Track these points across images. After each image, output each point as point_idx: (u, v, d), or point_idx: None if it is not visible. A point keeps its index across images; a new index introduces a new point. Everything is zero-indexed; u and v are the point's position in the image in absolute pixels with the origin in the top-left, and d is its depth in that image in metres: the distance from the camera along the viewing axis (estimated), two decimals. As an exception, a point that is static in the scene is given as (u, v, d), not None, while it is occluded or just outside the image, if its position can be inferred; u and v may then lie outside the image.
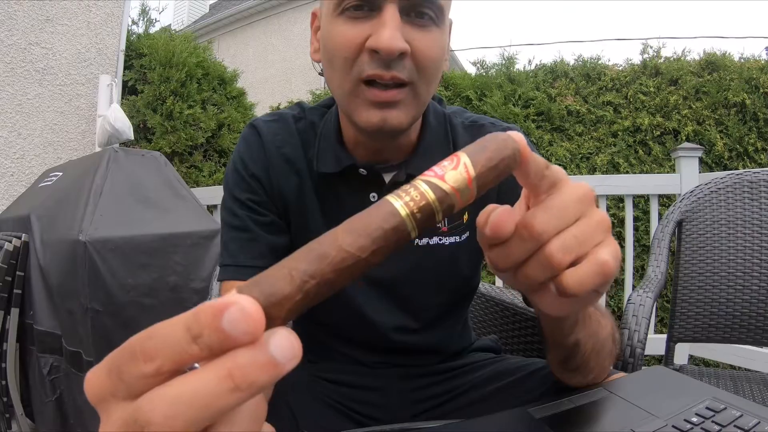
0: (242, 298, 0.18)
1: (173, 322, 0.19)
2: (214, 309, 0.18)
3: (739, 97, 2.91)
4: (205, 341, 0.18)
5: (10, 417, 1.46)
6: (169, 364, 0.18)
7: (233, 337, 0.18)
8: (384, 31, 0.48)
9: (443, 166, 0.25)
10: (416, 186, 0.24)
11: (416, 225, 0.23)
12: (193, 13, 10.45)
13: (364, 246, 0.22)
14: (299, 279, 0.20)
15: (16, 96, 2.61)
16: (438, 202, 0.23)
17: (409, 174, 0.59)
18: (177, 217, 1.56)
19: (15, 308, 1.43)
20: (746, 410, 0.41)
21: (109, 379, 0.19)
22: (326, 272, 0.21)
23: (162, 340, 0.18)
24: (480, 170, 0.25)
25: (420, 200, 0.23)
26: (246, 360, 0.18)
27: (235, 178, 0.62)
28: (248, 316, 0.18)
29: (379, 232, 0.22)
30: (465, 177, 0.24)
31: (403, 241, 0.23)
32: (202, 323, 0.18)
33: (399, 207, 0.23)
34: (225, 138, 3.46)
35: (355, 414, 0.66)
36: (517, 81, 3.26)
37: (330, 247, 0.21)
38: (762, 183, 1.13)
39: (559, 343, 0.45)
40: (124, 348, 0.19)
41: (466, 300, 0.72)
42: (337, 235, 0.22)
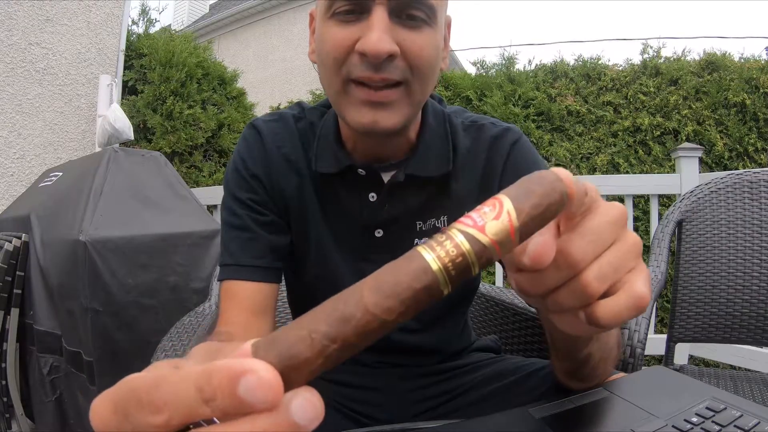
0: (259, 364, 0.17)
1: (183, 377, 0.18)
2: (229, 375, 0.17)
3: (739, 97, 2.92)
4: (219, 405, 0.17)
5: (10, 417, 1.46)
6: (179, 418, 0.18)
7: (250, 404, 0.17)
8: (371, 34, 0.48)
9: (483, 213, 0.22)
10: (451, 237, 0.21)
11: (449, 281, 0.21)
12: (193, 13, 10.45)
13: (391, 308, 0.20)
14: (320, 344, 0.19)
15: (16, 96, 2.61)
16: (475, 256, 0.21)
17: (408, 174, 0.59)
18: (177, 217, 1.56)
19: (15, 308, 1.43)
20: (746, 410, 0.41)
21: (115, 417, 0.19)
22: (349, 336, 0.19)
23: (171, 395, 0.18)
24: (524, 220, 0.22)
25: (456, 256, 0.20)
26: (266, 425, 0.17)
27: (236, 178, 0.62)
28: (266, 386, 0.17)
29: (409, 292, 0.20)
30: (507, 228, 0.22)
31: (434, 300, 0.21)
32: (215, 387, 0.17)
33: (431, 262, 0.20)
34: (225, 138, 3.46)
35: (355, 414, 0.66)
36: (517, 81, 3.26)
37: (355, 308, 0.19)
38: (762, 183, 1.13)
39: (571, 356, 0.44)
40: (130, 390, 0.19)
41: (466, 300, 0.72)
42: (363, 294, 0.20)
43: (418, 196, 0.61)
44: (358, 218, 0.61)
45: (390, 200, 0.60)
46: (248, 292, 0.59)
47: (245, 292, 0.59)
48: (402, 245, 0.61)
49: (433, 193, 0.61)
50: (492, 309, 0.94)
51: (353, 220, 0.62)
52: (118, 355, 1.30)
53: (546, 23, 38.75)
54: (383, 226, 0.61)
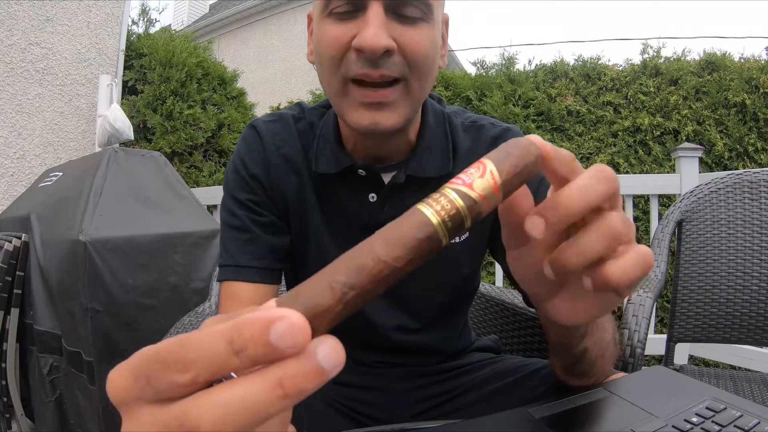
0: (290, 312, 0.18)
1: (211, 333, 0.19)
2: (260, 323, 0.18)
3: (739, 97, 2.92)
4: (249, 354, 0.18)
5: (10, 417, 1.46)
6: (206, 374, 0.19)
7: (280, 350, 0.18)
8: (367, 30, 0.48)
9: (470, 174, 0.25)
10: (445, 194, 0.24)
11: (447, 233, 0.24)
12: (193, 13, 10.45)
13: (400, 256, 0.22)
14: (340, 291, 0.21)
15: (16, 96, 2.61)
16: (467, 209, 0.24)
17: (409, 175, 0.59)
18: (177, 217, 1.56)
19: (15, 308, 1.43)
20: (746, 410, 0.41)
21: (135, 383, 0.19)
22: (365, 283, 0.21)
23: (199, 352, 0.19)
24: (505, 177, 0.26)
25: (450, 209, 0.24)
26: (295, 370, 0.18)
27: (235, 179, 0.62)
28: (297, 330, 0.18)
29: (414, 241, 0.23)
30: (492, 184, 0.25)
31: (435, 249, 0.23)
32: (246, 337, 0.18)
33: (430, 216, 0.23)
34: (225, 138, 3.46)
35: (355, 414, 0.66)
36: (517, 81, 3.26)
37: (367, 257, 0.22)
38: (762, 183, 1.13)
39: (567, 351, 0.45)
40: (152, 355, 0.19)
41: (466, 301, 0.72)
42: (374, 246, 0.22)
43: (418, 197, 0.60)
44: (357, 218, 0.61)
45: (390, 201, 0.60)
46: (248, 292, 0.59)
47: (245, 292, 0.59)
48: None
49: None
50: (492, 309, 0.94)
51: (353, 221, 0.62)
52: (118, 355, 1.30)
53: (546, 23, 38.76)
54: (383, 226, 0.61)
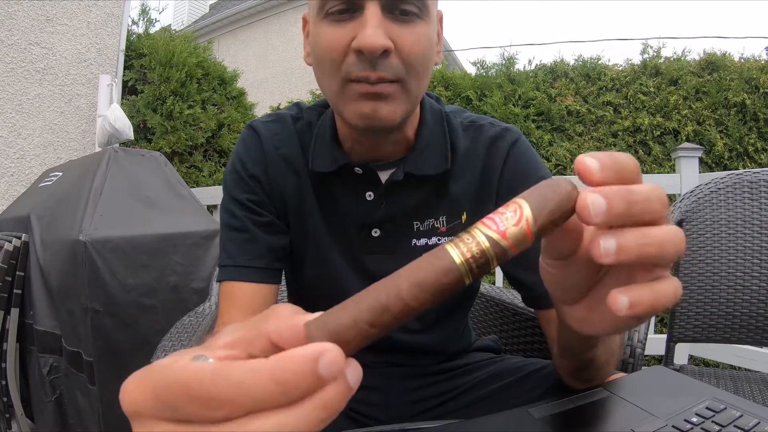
0: (328, 345, 0.20)
1: (254, 373, 0.19)
2: (309, 359, 0.19)
3: (739, 97, 2.92)
4: (299, 391, 0.19)
5: (10, 417, 1.46)
6: (245, 412, 0.19)
7: (326, 380, 0.20)
8: (365, 30, 0.48)
9: (505, 219, 0.25)
10: (475, 237, 0.24)
11: (471, 276, 0.24)
12: (193, 13, 10.45)
13: (424, 300, 0.23)
14: (364, 330, 0.22)
15: (16, 96, 2.61)
16: (495, 257, 0.24)
17: (407, 172, 0.59)
18: (177, 217, 1.56)
19: (15, 308, 1.43)
20: (746, 410, 0.41)
21: (154, 403, 0.20)
22: (387, 322, 0.23)
23: (241, 392, 0.19)
24: (541, 226, 0.25)
25: (478, 254, 0.24)
26: (334, 392, 0.20)
27: (234, 179, 0.62)
28: (339, 361, 0.20)
29: (439, 287, 0.23)
30: (525, 233, 0.25)
31: (457, 290, 0.24)
32: (298, 374, 0.19)
33: (458, 262, 0.23)
34: (225, 138, 3.45)
35: (355, 414, 0.66)
36: (517, 81, 3.26)
37: (396, 301, 0.23)
38: (762, 183, 1.13)
39: (576, 356, 0.45)
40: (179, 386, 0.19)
41: (467, 302, 0.72)
42: (400, 288, 0.23)
43: (415, 196, 0.61)
44: (355, 217, 0.61)
45: (387, 199, 0.60)
46: (247, 293, 0.59)
47: (244, 293, 0.59)
48: (400, 245, 0.61)
49: (431, 193, 0.61)
50: (492, 309, 0.94)
51: (350, 220, 0.62)
52: (118, 355, 1.30)
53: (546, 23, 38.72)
54: (380, 225, 0.61)
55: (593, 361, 0.45)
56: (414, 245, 0.61)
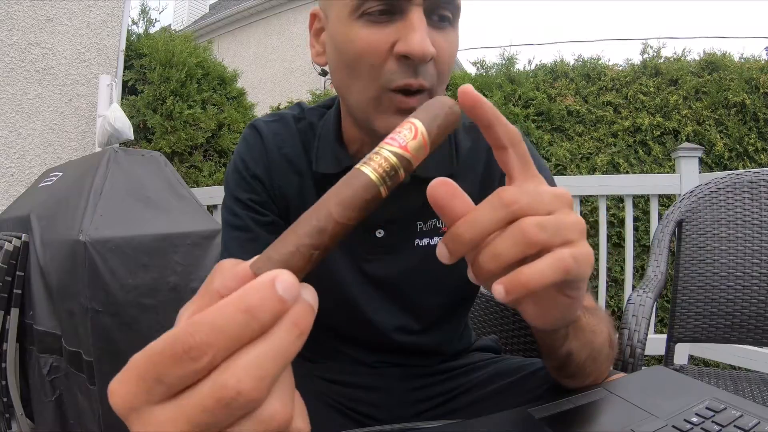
0: (279, 271, 0.22)
1: (221, 310, 0.20)
2: (267, 284, 0.21)
3: (739, 97, 2.92)
4: (266, 314, 0.21)
5: (10, 417, 1.46)
6: (225, 352, 0.20)
7: (287, 301, 0.21)
8: (415, 36, 0.46)
9: (403, 136, 0.29)
10: (384, 156, 0.28)
11: (386, 189, 0.28)
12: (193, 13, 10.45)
13: (352, 216, 0.26)
14: (307, 253, 0.25)
15: (16, 96, 2.61)
16: (402, 167, 0.28)
17: (413, 175, 0.59)
18: (177, 217, 1.56)
19: (15, 308, 1.43)
20: (746, 410, 0.41)
21: (141, 387, 0.20)
22: (326, 242, 0.25)
23: (215, 332, 0.20)
24: (433, 138, 0.30)
25: (390, 170, 0.28)
26: (299, 311, 0.22)
27: (236, 179, 0.62)
28: (294, 281, 0.22)
29: (363, 202, 0.27)
30: (422, 144, 0.29)
31: (378, 203, 0.28)
32: (260, 298, 0.21)
33: (373, 177, 0.27)
34: (225, 138, 3.45)
35: (355, 414, 0.66)
36: (517, 81, 3.26)
37: (327, 221, 0.25)
38: (762, 183, 1.13)
39: (552, 353, 0.45)
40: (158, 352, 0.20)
41: (466, 302, 0.72)
42: (330, 210, 0.26)
43: (419, 197, 0.60)
44: None
45: (391, 200, 0.60)
46: None
47: None
48: (403, 245, 0.62)
49: None
50: (492, 309, 0.94)
51: None
52: (118, 355, 1.30)
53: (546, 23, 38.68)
54: (384, 226, 0.61)
55: (571, 358, 0.45)
56: (416, 245, 0.61)
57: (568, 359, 0.45)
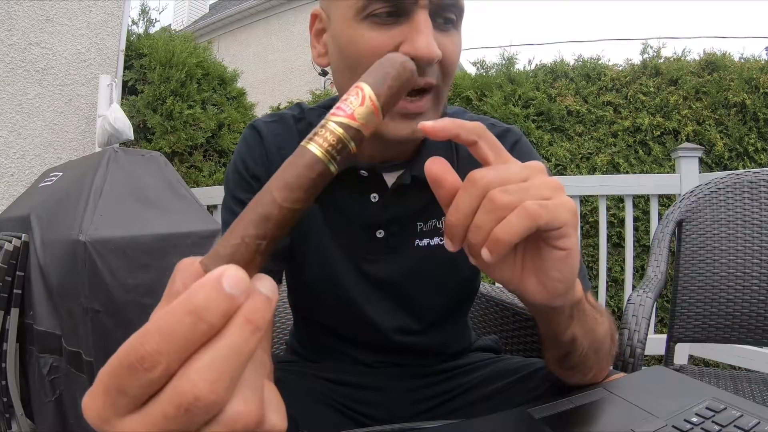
0: (225, 267, 0.21)
1: (166, 316, 0.20)
2: (212, 283, 0.20)
3: (739, 97, 2.91)
4: (214, 314, 0.20)
5: (10, 417, 1.46)
6: (177, 359, 0.19)
7: (236, 297, 0.20)
8: (421, 39, 0.46)
9: (349, 103, 0.26)
10: (328, 128, 0.25)
11: (336, 164, 0.25)
12: (193, 13, 10.45)
13: (299, 198, 0.24)
14: (254, 244, 0.23)
15: (16, 96, 2.61)
16: (351, 138, 0.26)
17: (414, 175, 0.59)
18: (177, 217, 1.56)
19: (15, 308, 1.43)
20: (746, 410, 0.41)
21: (107, 399, 0.20)
22: (272, 230, 0.23)
23: (164, 339, 0.19)
24: (384, 100, 0.27)
25: (336, 143, 0.25)
26: (252, 306, 0.21)
27: (236, 179, 0.62)
28: (241, 277, 0.21)
29: (309, 181, 0.24)
30: (372, 110, 0.26)
31: (328, 179, 0.25)
32: (207, 298, 0.20)
33: (319, 153, 0.25)
34: (225, 138, 3.45)
35: (355, 414, 0.66)
36: (517, 81, 3.26)
37: (271, 207, 0.24)
38: (762, 183, 1.13)
39: (556, 340, 0.45)
40: (115, 365, 0.20)
41: (467, 302, 0.72)
42: (273, 194, 0.24)
43: (420, 197, 0.61)
44: (359, 219, 0.61)
45: (393, 201, 0.60)
46: None
47: None
48: (403, 246, 0.62)
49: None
50: (492, 309, 0.94)
51: (354, 221, 0.62)
52: (118, 355, 1.30)
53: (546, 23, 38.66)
54: (384, 226, 0.61)
55: (575, 344, 0.45)
56: (417, 246, 0.61)
57: (572, 346, 0.45)
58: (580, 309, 0.44)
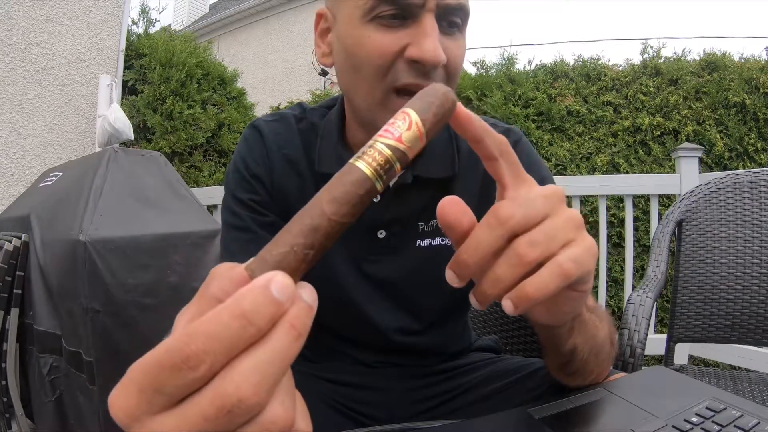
0: (273, 273, 0.21)
1: (215, 317, 0.20)
2: (260, 288, 0.21)
3: (739, 97, 2.91)
4: (262, 318, 0.20)
5: (10, 417, 1.46)
6: (223, 359, 0.20)
7: (283, 303, 0.21)
8: (427, 42, 0.47)
9: (397, 127, 0.28)
10: (378, 150, 0.27)
11: (382, 183, 0.27)
12: (193, 13, 10.45)
13: (346, 213, 0.25)
14: (302, 253, 0.24)
15: (16, 96, 2.61)
16: (397, 159, 0.27)
17: (416, 175, 0.59)
18: (177, 217, 1.56)
19: (15, 308, 1.43)
20: (746, 410, 0.41)
21: (142, 398, 0.20)
22: (321, 241, 0.25)
23: (211, 340, 0.19)
24: (429, 126, 0.29)
25: (384, 162, 0.27)
26: (296, 312, 0.21)
27: (237, 178, 0.61)
28: (288, 283, 0.21)
29: (357, 198, 0.26)
30: (417, 135, 0.28)
31: (373, 197, 0.27)
32: (255, 302, 0.20)
33: (367, 172, 0.26)
34: (225, 138, 3.45)
35: (355, 414, 0.66)
36: (517, 81, 3.26)
37: (320, 219, 0.25)
38: (762, 183, 1.13)
39: (556, 350, 0.45)
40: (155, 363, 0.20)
41: (467, 302, 0.72)
42: (323, 207, 0.25)
43: (421, 197, 0.61)
44: (360, 219, 0.61)
45: (394, 201, 0.60)
46: None
47: None
48: (405, 246, 0.62)
49: (437, 194, 0.61)
50: (492, 309, 0.94)
51: (355, 221, 0.61)
52: (118, 355, 1.30)
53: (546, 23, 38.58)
54: (386, 227, 0.61)
55: (575, 353, 0.45)
56: (418, 246, 0.61)
57: (572, 355, 0.45)
58: (581, 320, 0.44)
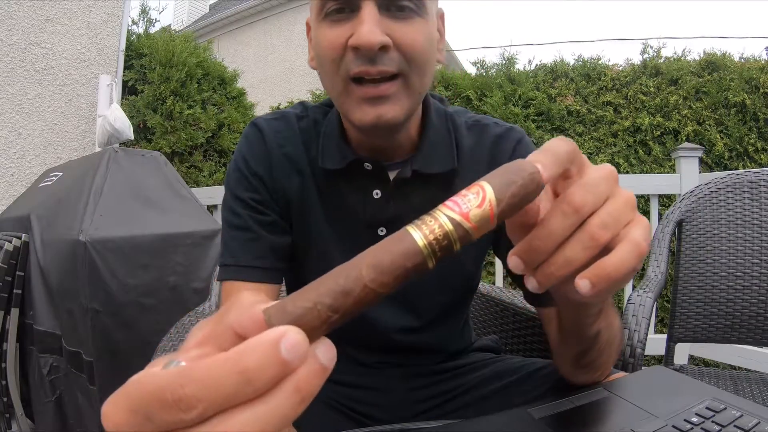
0: (285, 328, 0.20)
1: (217, 365, 0.19)
2: (269, 345, 0.19)
3: (739, 97, 2.92)
4: (263, 380, 0.19)
5: (10, 417, 1.46)
6: (216, 409, 0.19)
7: (291, 362, 0.19)
8: (362, 28, 0.49)
9: (468, 200, 0.24)
10: (438, 219, 0.24)
11: (435, 260, 0.23)
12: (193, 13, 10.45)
13: (386, 283, 0.22)
14: (325, 314, 0.21)
15: (16, 96, 2.61)
16: (458, 239, 0.24)
17: (414, 170, 0.59)
18: (177, 217, 1.56)
19: (15, 308, 1.43)
20: (746, 410, 0.41)
21: (133, 419, 0.19)
22: (349, 306, 0.22)
23: (207, 389, 0.19)
24: (503, 207, 0.25)
25: (442, 238, 0.23)
26: (306, 374, 0.20)
27: (237, 177, 0.61)
28: (301, 342, 0.19)
29: (402, 270, 0.22)
30: (488, 215, 0.24)
31: (421, 274, 0.23)
32: (259, 361, 0.19)
33: (421, 244, 0.23)
34: (225, 138, 3.46)
35: (355, 414, 0.66)
36: (517, 81, 3.26)
37: (355, 283, 0.22)
38: (762, 183, 1.13)
39: (580, 334, 0.45)
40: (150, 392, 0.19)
41: (466, 298, 0.72)
42: (362, 271, 0.22)
43: (422, 194, 0.61)
44: (361, 216, 0.61)
45: (395, 197, 0.60)
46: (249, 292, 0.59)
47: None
48: None
49: (438, 192, 0.61)
50: (492, 309, 0.94)
51: (356, 219, 0.61)
52: (118, 355, 1.30)
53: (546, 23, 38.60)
54: (387, 224, 0.61)
55: (598, 338, 0.45)
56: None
57: (594, 341, 0.45)
58: (609, 303, 0.44)
